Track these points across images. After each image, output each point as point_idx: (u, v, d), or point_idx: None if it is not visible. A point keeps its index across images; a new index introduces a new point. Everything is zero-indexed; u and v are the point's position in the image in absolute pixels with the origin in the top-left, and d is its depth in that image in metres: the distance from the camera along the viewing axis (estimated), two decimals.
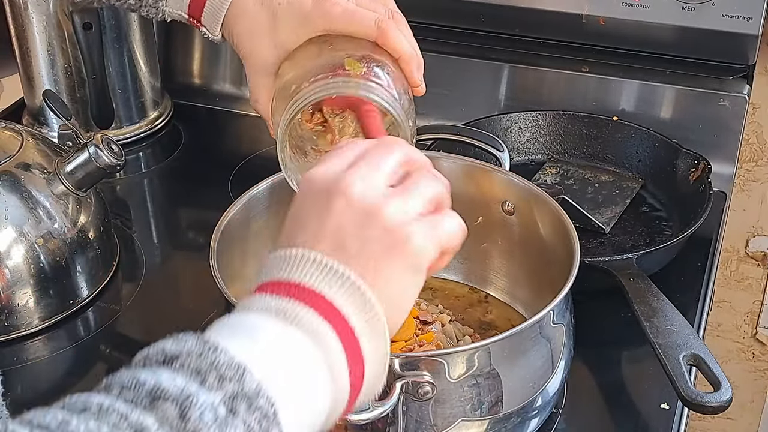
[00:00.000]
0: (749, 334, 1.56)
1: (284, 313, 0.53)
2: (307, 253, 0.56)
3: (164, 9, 0.83)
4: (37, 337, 1.00)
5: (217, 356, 0.50)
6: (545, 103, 1.28)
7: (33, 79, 1.29)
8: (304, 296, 0.54)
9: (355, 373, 0.55)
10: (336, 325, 0.54)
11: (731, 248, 1.49)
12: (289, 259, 0.56)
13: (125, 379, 0.49)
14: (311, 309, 0.54)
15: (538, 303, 0.82)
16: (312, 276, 0.55)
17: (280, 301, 0.54)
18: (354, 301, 0.55)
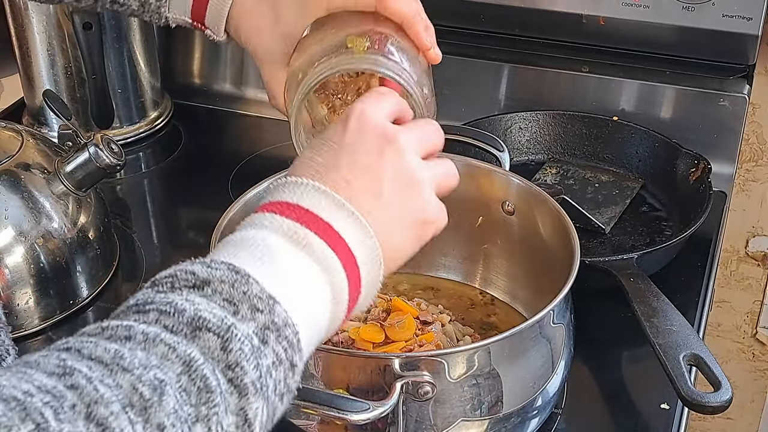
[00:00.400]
0: (749, 334, 1.56)
1: (296, 236, 0.57)
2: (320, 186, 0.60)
3: (167, 15, 0.83)
4: (37, 337, 1.00)
5: (250, 287, 0.52)
6: (545, 103, 1.28)
7: (33, 79, 1.29)
8: (315, 223, 0.58)
9: (352, 296, 0.59)
10: (341, 254, 0.58)
11: (731, 248, 1.49)
12: (303, 186, 0.60)
13: (159, 302, 0.51)
14: (320, 237, 0.57)
15: (538, 303, 0.82)
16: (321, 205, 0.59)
17: (292, 224, 0.57)
18: (358, 234, 0.59)
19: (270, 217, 0.58)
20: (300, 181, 0.60)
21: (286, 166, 0.92)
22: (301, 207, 0.58)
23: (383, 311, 0.92)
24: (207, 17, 0.82)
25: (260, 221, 0.58)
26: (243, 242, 0.56)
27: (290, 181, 0.60)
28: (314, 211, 0.58)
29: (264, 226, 0.57)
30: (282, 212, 0.58)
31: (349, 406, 0.71)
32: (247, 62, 1.42)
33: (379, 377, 0.75)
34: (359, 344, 0.87)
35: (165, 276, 0.53)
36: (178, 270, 0.53)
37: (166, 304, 0.50)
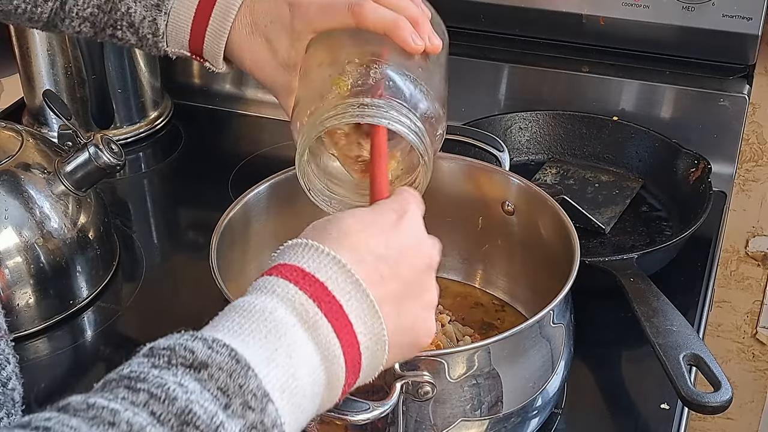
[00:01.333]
0: (749, 334, 1.56)
1: (306, 314, 0.56)
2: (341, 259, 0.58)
3: (165, 49, 0.83)
4: (37, 337, 1.00)
5: (247, 381, 0.51)
6: (545, 103, 1.28)
7: (33, 79, 1.29)
8: (327, 303, 0.56)
9: (348, 382, 0.58)
10: (344, 340, 0.57)
11: (731, 248, 1.49)
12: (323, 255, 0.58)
13: (152, 381, 0.49)
14: (328, 320, 0.56)
15: (538, 303, 0.82)
16: (337, 282, 0.57)
17: (305, 299, 0.56)
18: (367, 321, 0.58)
19: (283, 284, 0.56)
20: (321, 249, 0.58)
21: (286, 166, 0.93)
22: (316, 279, 0.57)
23: None
24: (204, 51, 0.82)
25: (272, 286, 0.56)
26: (251, 312, 0.55)
27: (312, 246, 0.59)
28: (329, 286, 0.57)
29: (275, 294, 0.56)
30: (296, 281, 0.57)
31: (349, 406, 0.71)
32: None
33: (379, 377, 0.74)
34: None
35: (163, 347, 0.51)
36: (178, 344, 0.51)
37: (158, 386, 0.48)
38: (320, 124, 0.70)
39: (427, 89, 0.73)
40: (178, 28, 0.81)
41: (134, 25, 0.82)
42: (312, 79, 0.75)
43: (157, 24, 0.81)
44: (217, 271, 0.80)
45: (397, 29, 0.72)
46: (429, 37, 0.74)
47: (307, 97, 0.74)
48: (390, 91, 0.71)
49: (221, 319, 0.55)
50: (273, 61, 0.79)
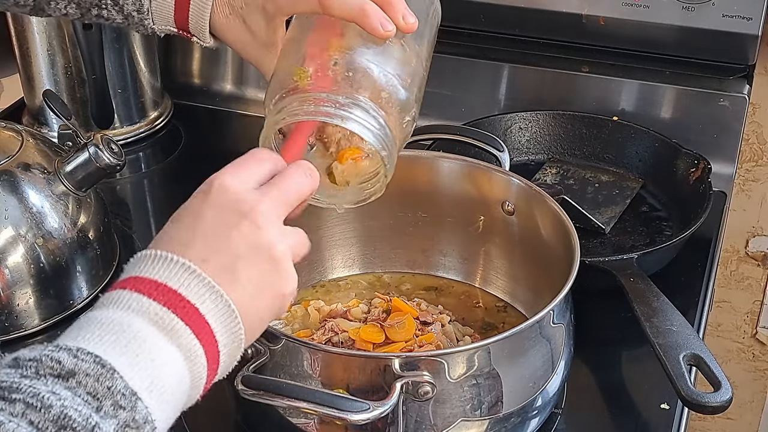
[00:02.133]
0: (749, 334, 1.56)
1: (162, 322, 0.56)
2: (191, 265, 0.58)
3: (152, 26, 0.83)
4: (37, 337, 1.00)
5: (114, 383, 0.52)
6: (545, 103, 1.28)
7: (33, 79, 1.29)
8: (182, 308, 0.57)
9: (209, 378, 0.59)
10: (204, 341, 0.57)
11: (731, 248, 1.49)
12: (173, 264, 0.58)
13: (26, 391, 0.50)
14: (186, 323, 0.57)
15: (538, 303, 0.82)
16: (190, 287, 0.58)
17: (159, 309, 0.56)
18: (223, 320, 0.58)
19: (137, 298, 0.57)
20: (169, 258, 0.58)
21: None
22: (169, 288, 0.57)
23: (383, 312, 0.92)
24: (190, 27, 0.82)
25: (126, 301, 0.57)
26: (109, 326, 0.56)
27: (158, 255, 0.59)
28: (182, 293, 0.57)
29: (130, 308, 0.57)
30: (149, 293, 0.57)
31: (349, 406, 0.71)
32: (247, 62, 1.41)
33: (379, 377, 0.75)
34: (359, 345, 0.87)
35: (29, 359, 0.52)
36: (44, 355, 0.52)
37: (33, 396, 0.50)
38: (273, 122, 0.70)
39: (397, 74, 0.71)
40: (162, 5, 0.82)
41: (119, 3, 0.82)
42: (279, 67, 0.74)
43: (141, 1, 0.82)
44: None
45: (364, 17, 0.70)
46: (403, 16, 0.72)
47: (272, 85, 0.73)
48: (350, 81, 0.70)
49: (80, 331, 0.56)
50: (254, 42, 0.81)
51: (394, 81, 0.71)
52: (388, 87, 0.71)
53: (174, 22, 0.83)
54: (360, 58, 0.71)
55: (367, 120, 0.69)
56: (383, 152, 0.70)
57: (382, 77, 0.71)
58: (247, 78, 1.42)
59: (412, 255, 1.02)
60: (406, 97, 0.72)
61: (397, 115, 0.71)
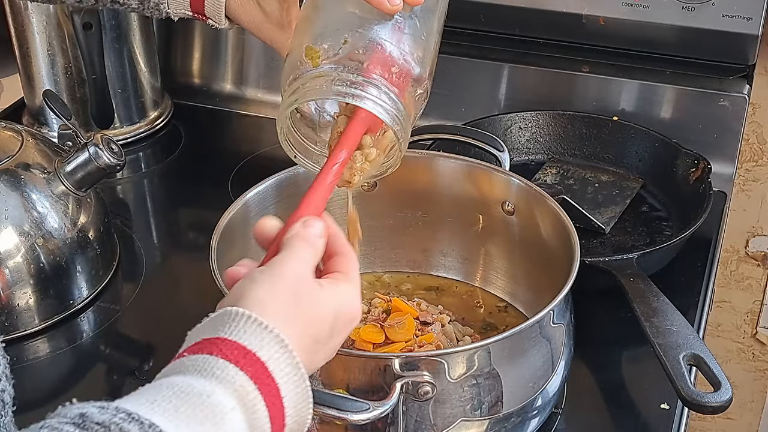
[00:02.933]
0: (749, 334, 1.56)
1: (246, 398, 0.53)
2: (285, 340, 0.56)
3: (167, 10, 0.84)
4: (37, 337, 1.00)
5: None
6: (545, 103, 1.28)
7: (33, 79, 1.29)
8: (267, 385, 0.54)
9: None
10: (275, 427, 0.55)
11: (731, 248, 1.49)
12: (267, 334, 0.56)
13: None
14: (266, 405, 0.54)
15: (538, 303, 0.82)
16: (279, 366, 0.55)
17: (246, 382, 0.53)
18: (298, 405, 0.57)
19: (223, 366, 0.53)
20: (264, 325, 0.55)
21: (286, 166, 0.93)
22: (258, 359, 0.54)
23: (383, 312, 0.92)
24: (206, 10, 0.83)
25: (212, 369, 0.53)
26: (188, 395, 0.52)
27: (257, 321, 0.56)
28: (269, 367, 0.55)
29: (215, 377, 0.53)
30: (237, 362, 0.54)
31: (349, 406, 0.71)
32: (247, 62, 1.42)
33: (379, 377, 0.75)
34: (359, 345, 0.87)
35: (97, 422, 0.48)
36: (113, 423, 0.48)
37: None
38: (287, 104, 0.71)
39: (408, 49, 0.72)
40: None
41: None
42: (292, 47, 0.74)
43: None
44: (217, 271, 0.80)
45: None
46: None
47: (287, 66, 0.74)
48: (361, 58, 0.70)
49: (156, 396, 0.52)
50: (268, 22, 0.81)
51: (405, 56, 0.71)
52: (399, 62, 0.71)
53: (189, 6, 0.84)
54: (370, 34, 0.71)
55: (379, 97, 0.69)
56: (396, 127, 0.70)
57: (394, 52, 0.71)
58: (247, 78, 1.42)
59: (412, 255, 1.02)
60: (419, 72, 0.72)
61: (409, 89, 0.71)
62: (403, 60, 0.71)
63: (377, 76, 0.69)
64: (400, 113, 0.70)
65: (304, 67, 0.71)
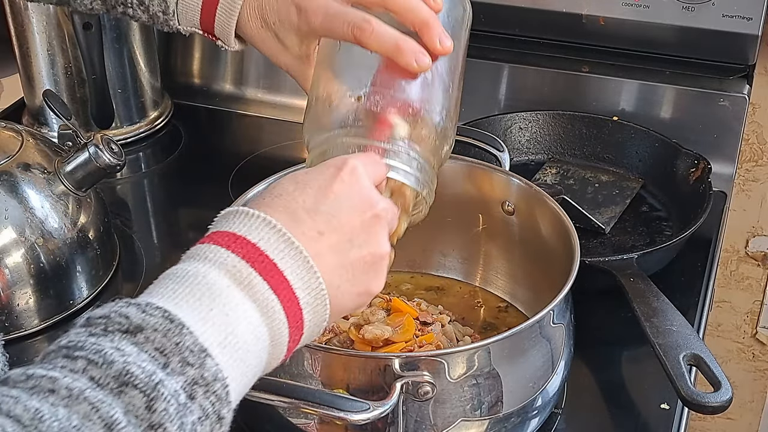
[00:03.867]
0: (749, 334, 1.56)
1: (239, 275, 0.56)
2: (273, 221, 0.58)
3: (177, 26, 0.84)
4: (37, 337, 1.00)
5: (182, 339, 0.52)
6: (545, 103, 1.28)
7: (33, 79, 1.29)
8: (260, 262, 0.57)
9: (293, 338, 0.58)
10: (283, 296, 0.57)
11: (731, 248, 1.49)
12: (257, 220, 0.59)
13: (90, 348, 0.50)
14: (263, 278, 0.56)
15: (538, 303, 0.82)
16: (269, 242, 0.58)
17: (236, 261, 0.56)
18: (304, 276, 0.58)
19: (215, 249, 0.57)
20: (252, 213, 0.59)
21: (286, 166, 0.93)
22: (248, 241, 0.57)
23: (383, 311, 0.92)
24: (216, 31, 0.83)
25: (204, 253, 0.57)
26: (184, 278, 0.56)
27: (243, 211, 0.59)
28: (261, 246, 0.57)
29: (207, 259, 0.57)
30: (228, 245, 0.57)
31: (349, 406, 0.71)
32: (247, 62, 1.42)
33: (379, 377, 0.75)
34: (358, 346, 0.87)
35: (99, 316, 0.52)
36: (113, 311, 0.52)
37: (96, 352, 0.49)
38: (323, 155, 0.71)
39: (435, 105, 0.72)
40: (189, 8, 0.83)
41: (144, 3, 0.83)
42: (315, 94, 0.75)
43: (167, 3, 0.82)
44: None
45: (399, 53, 0.70)
46: (440, 40, 0.71)
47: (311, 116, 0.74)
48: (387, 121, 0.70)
49: (155, 287, 0.56)
50: (285, 53, 0.81)
51: (432, 115, 0.72)
52: (427, 121, 0.71)
53: (199, 25, 0.84)
54: (399, 95, 0.71)
55: (407, 166, 0.70)
56: (424, 191, 0.71)
57: (422, 113, 0.71)
58: (247, 78, 1.42)
59: (412, 255, 1.02)
60: (444, 127, 0.73)
61: (435, 144, 0.72)
62: (429, 119, 0.71)
63: (403, 143, 0.70)
64: (426, 175, 0.71)
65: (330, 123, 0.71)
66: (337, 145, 0.70)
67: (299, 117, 0.76)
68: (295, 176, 0.63)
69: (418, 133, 0.71)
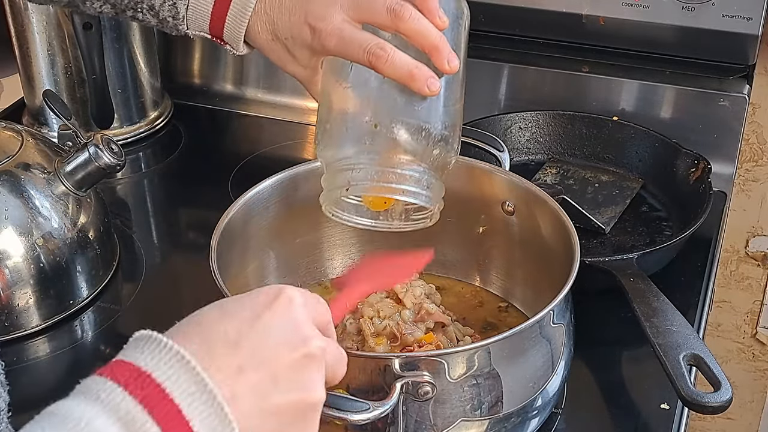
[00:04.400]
0: (749, 334, 1.56)
1: (132, 426, 0.48)
2: (187, 356, 0.50)
3: (186, 31, 0.84)
4: (37, 337, 1.00)
5: None
6: (545, 103, 1.28)
7: (33, 79, 1.29)
8: (162, 406, 0.49)
9: None
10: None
11: (731, 248, 1.49)
12: (169, 353, 0.51)
13: None
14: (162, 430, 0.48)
15: (538, 303, 0.82)
16: (179, 383, 0.50)
17: (133, 406, 0.48)
18: (215, 427, 0.50)
19: (110, 387, 0.49)
20: (162, 342, 0.51)
21: (286, 166, 0.93)
22: (152, 379, 0.49)
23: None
24: (225, 36, 0.83)
25: (97, 391, 0.49)
26: (64, 422, 0.47)
27: (154, 339, 0.51)
28: (166, 387, 0.49)
29: (98, 400, 0.48)
30: (126, 383, 0.49)
31: (349, 406, 0.71)
32: (247, 62, 1.42)
33: (379, 377, 0.75)
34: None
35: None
36: None
37: None
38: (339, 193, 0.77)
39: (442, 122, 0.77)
40: (199, 14, 0.84)
41: (154, 9, 0.84)
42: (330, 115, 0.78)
43: (177, 8, 0.83)
44: (217, 271, 0.80)
45: (412, 81, 0.74)
46: (448, 60, 0.75)
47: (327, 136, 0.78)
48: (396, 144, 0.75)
49: (34, 425, 0.48)
50: (295, 63, 0.82)
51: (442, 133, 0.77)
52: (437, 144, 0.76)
53: (209, 30, 0.84)
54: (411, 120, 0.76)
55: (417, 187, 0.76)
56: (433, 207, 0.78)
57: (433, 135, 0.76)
58: (247, 78, 1.42)
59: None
60: (451, 140, 0.78)
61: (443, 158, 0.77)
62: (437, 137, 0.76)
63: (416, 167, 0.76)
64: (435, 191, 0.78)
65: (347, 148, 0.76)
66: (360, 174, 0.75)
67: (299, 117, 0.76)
68: (223, 304, 0.56)
69: (429, 152, 0.76)
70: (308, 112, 1.36)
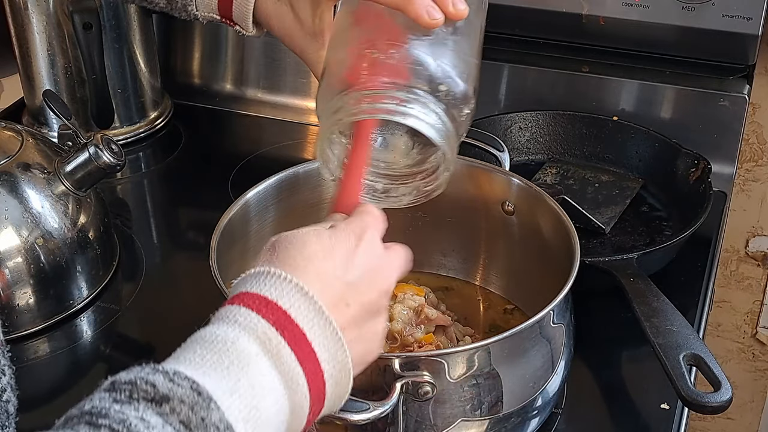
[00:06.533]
0: (749, 334, 1.56)
1: (269, 343, 0.55)
2: (305, 287, 0.58)
3: (195, 12, 0.84)
4: (37, 337, 1.00)
5: (209, 414, 0.50)
6: (545, 103, 1.28)
7: (33, 79, 1.29)
8: (290, 330, 0.56)
9: (313, 410, 0.58)
10: (308, 368, 0.56)
11: (731, 248, 1.49)
12: (289, 285, 0.58)
13: (113, 417, 0.48)
14: (291, 349, 0.56)
15: (538, 303, 0.82)
16: (300, 310, 0.57)
17: (267, 328, 0.55)
18: (331, 349, 0.58)
19: (245, 313, 0.56)
20: (284, 277, 0.58)
21: (286, 166, 0.93)
22: (278, 307, 0.56)
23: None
24: (234, 15, 0.83)
25: (234, 316, 0.56)
26: (213, 343, 0.54)
27: (275, 273, 0.58)
28: (291, 313, 0.56)
29: (237, 323, 0.55)
30: (258, 309, 0.56)
31: (349, 406, 0.71)
32: (247, 62, 1.42)
33: (379, 377, 0.75)
34: None
35: (125, 381, 0.51)
36: (139, 378, 0.51)
37: (120, 421, 0.48)
38: (332, 122, 0.68)
39: (453, 66, 0.69)
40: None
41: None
42: (329, 62, 0.72)
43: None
44: (217, 271, 0.80)
45: (409, 4, 0.67)
46: (453, 3, 0.69)
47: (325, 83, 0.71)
48: (406, 75, 0.67)
49: (183, 351, 0.54)
50: (300, 30, 0.81)
51: (450, 73, 0.69)
52: (445, 80, 0.68)
53: (217, 10, 0.84)
54: (414, 50, 0.68)
55: (426, 115, 0.66)
56: (444, 146, 0.68)
57: (439, 70, 0.68)
58: (247, 78, 1.42)
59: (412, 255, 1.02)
60: (464, 89, 0.69)
61: (456, 108, 0.69)
62: (448, 78, 0.68)
63: (424, 93, 0.67)
64: (448, 132, 0.68)
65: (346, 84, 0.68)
66: (350, 103, 0.67)
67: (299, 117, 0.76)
68: (320, 237, 0.61)
69: (435, 87, 0.67)
70: (308, 112, 1.36)
